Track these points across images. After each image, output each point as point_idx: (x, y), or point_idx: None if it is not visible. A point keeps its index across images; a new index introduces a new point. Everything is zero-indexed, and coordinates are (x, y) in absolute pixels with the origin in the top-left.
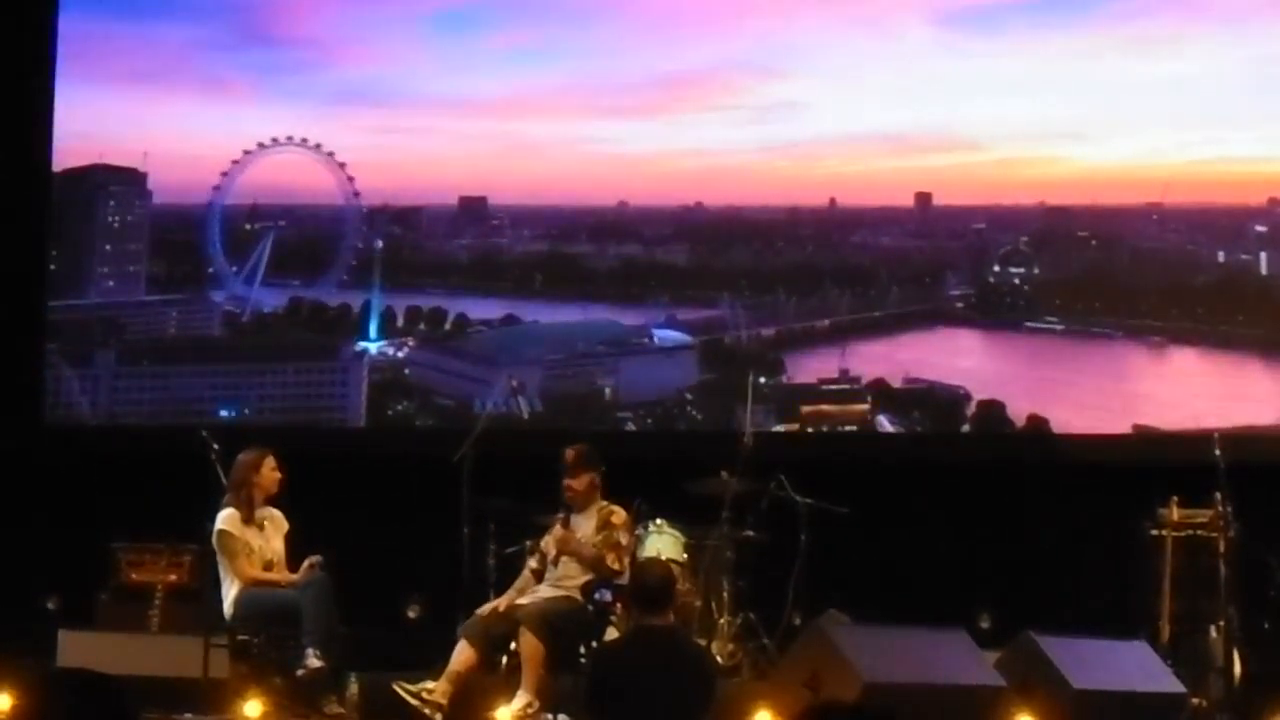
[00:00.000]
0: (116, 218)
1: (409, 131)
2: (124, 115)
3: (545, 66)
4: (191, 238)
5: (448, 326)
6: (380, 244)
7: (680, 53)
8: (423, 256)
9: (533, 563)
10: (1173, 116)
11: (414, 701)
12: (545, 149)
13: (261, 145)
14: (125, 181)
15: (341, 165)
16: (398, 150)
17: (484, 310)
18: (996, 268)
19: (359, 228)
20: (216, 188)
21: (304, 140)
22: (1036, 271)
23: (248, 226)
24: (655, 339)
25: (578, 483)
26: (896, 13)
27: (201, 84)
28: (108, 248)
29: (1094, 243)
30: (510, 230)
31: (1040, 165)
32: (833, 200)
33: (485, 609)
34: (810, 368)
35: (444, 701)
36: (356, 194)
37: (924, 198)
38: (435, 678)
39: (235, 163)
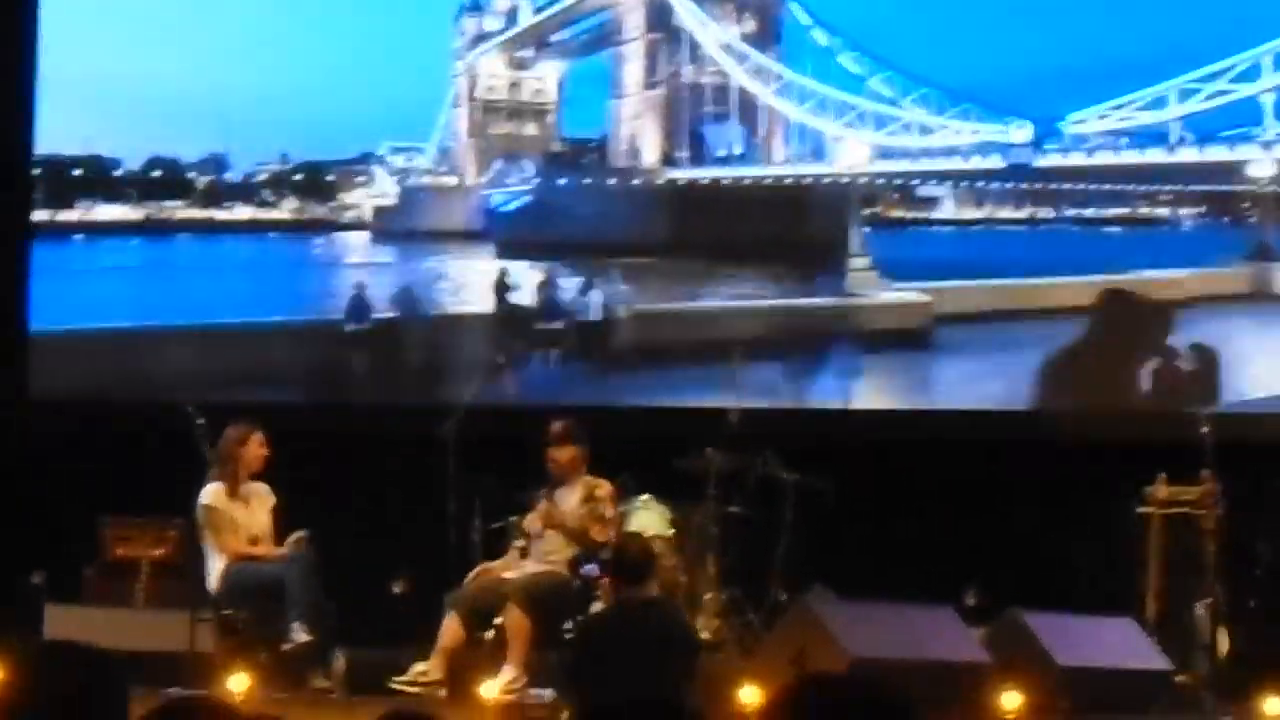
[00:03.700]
0: None
1: None
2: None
3: None
4: None
5: None
6: None
7: None
8: None
9: (520, 542)
10: None
11: (413, 689)
12: None
13: None
14: None
15: None
16: None
17: None
18: None
19: None
20: None
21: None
22: None
23: None
24: None
25: (562, 454)
26: None
27: None
28: None
29: None
30: None
31: None
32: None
33: (472, 575)
34: None
35: (441, 676)
36: None
37: None
38: (423, 657)
39: None
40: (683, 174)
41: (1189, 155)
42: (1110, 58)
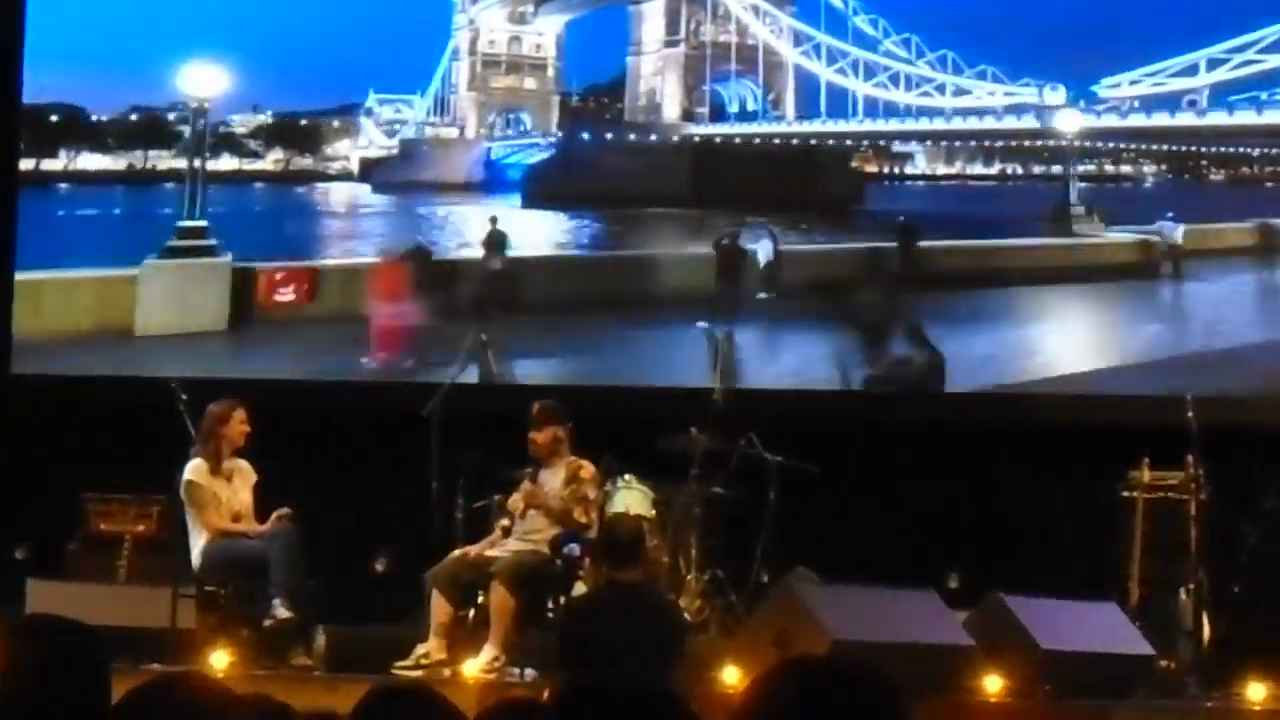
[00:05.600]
0: None
1: None
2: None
3: None
4: None
5: None
6: None
7: None
8: None
9: (504, 521)
10: None
11: (418, 673)
12: None
13: None
14: None
15: None
16: None
17: None
18: None
19: None
20: None
21: None
22: None
23: None
24: None
25: (541, 436)
26: None
27: None
28: None
29: None
30: None
31: None
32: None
33: (454, 555)
34: None
35: (444, 655)
36: None
37: None
38: (415, 637)
39: None
40: (742, 129)
41: (1219, 119)
42: (1141, 27)
